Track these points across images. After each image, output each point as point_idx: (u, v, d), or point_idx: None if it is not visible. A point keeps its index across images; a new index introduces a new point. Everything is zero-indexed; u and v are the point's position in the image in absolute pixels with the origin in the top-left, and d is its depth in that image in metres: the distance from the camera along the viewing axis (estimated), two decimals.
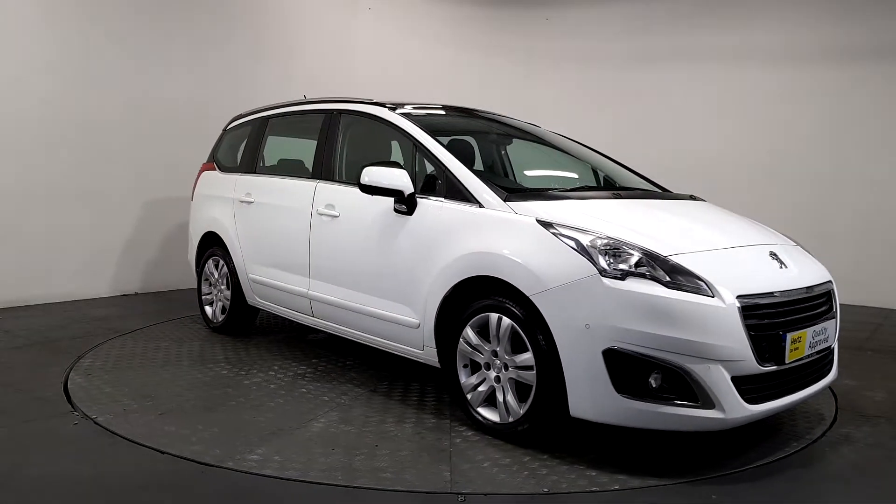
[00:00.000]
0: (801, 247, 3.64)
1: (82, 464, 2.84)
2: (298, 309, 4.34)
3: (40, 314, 5.58)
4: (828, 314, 3.22)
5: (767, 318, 2.85)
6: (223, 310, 5.07)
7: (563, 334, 2.81)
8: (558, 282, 2.83)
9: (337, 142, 4.26)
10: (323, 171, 4.23)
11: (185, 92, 6.73)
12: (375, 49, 8.38)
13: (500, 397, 3.12)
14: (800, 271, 3.20)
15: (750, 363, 2.74)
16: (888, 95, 6.99)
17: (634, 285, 2.71)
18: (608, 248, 2.83)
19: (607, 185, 4.20)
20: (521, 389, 3.05)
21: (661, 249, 2.85)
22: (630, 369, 2.71)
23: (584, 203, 3.30)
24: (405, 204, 3.50)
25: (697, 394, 2.69)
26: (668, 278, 2.74)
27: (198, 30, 6.91)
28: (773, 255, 3.20)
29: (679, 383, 2.70)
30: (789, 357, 2.89)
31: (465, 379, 3.28)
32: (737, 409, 2.72)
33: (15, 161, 5.74)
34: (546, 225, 2.99)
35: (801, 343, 2.96)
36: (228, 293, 4.96)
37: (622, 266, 2.77)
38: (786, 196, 7.28)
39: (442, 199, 3.44)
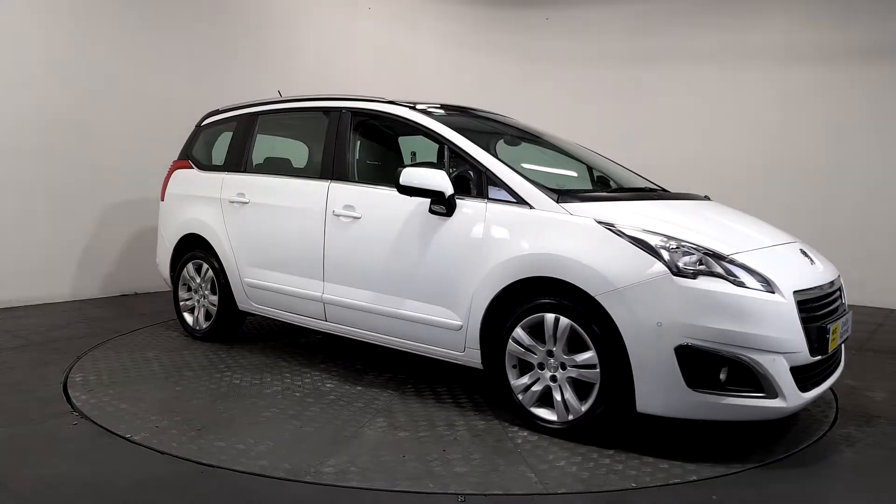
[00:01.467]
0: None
1: (82, 464, 2.83)
2: (307, 313, 4.18)
3: (40, 314, 5.58)
4: (844, 307, 3.45)
5: (813, 311, 3.04)
6: (207, 316, 4.82)
7: (632, 333, 2.89)
8: (627, 282, 2.90)
9: (349, 141, 4.12)
10: (335, 170, 4.08)
11: (183, 91, 6.72)
12: (375, 49, 8.38)
13: (557, 396, 3.15)
14: (824, 267, 3.43)
15: (804, 354, 2.92)
16: (888, 95, 7.00)
17: (705, 284, 2.84)
18: (678, 248, 2.94)
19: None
20: (578, 387, 3.10)
21: (723, 249, 2.99)
22: (701, 364, 2.82)
23: (632, 204, 3.41)
24: (444, 205, 3.45)
25: (763, 385, 2.84)
26: (733, 276, 2.88)
27: (197, 30, 6.91)
28: (803, 252, 3.43)
29: (746, 375, 2.84)
30: (830, 347, 3.06)
31: (516, 380, 3.28)
32: (794, 397, 2.90)
33: (15, 161, 5.74)
34: (608, 226, 3.06)
35: (836, 334, 3.15)
36: (215, 298, 4.72)
37: (692, 266, 2.89)
38: (785, 196, 7.28)
39: (484, 200, 3.43)
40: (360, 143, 4.31)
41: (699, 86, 7.87)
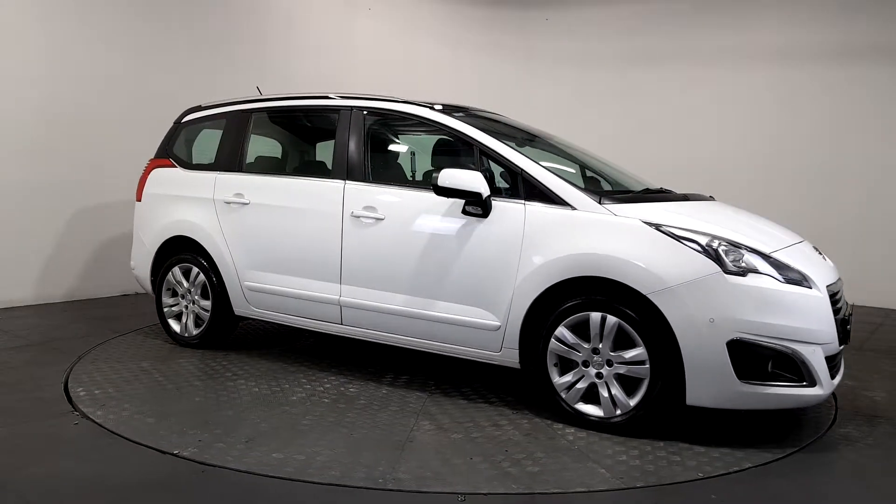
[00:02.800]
0: None
1: (82, 464, 2.83)
2: (320, 317, 4.08)
3: (40, 314, 5.58)
4: (846, 302, 3.62)
5: (838, 304, 3.26)
6: (198, 322, 4.61)
7: (684, 329, 3.01)
8: (680, 280, 3.03)
9: (364, 141, 4.05)
10: (350, 171, 4.00)
11: (182, 91, 6.71)
12: (375, 49, 8.38)
13: (603, 393, 3.23)
14: (832, 263, 3.63)
15: (835, 344, 3.15)
16: (888, 95, 7.00)
17: (754, 281, 3.02)
18: (727, 247, 3.09)
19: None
20: (624, 383, 3.19)
21: (763, 247, 3.18)
22: (751, 357, 2.98)
23: (665, 205, 3.51)
24: (480, 206, 3.47)
25: (804, 374, 3.03)
26: (777, 273, 3.07)
27: (197, 29, 6.91)
28: (816, 249, 3.66)
29: (789, 366, 3.02)
30: (850, 338, 3.36)
31: (558, 378, 3.35)
32: (827, 385, 3.09)
33: (15, 161, 5.74)
34: (655, 226, 3.17)
35: (851, 326, 3.41)
36: (207, 303, 4.53)
37: (741, 264, 3.05)
38: (785, 196, 7.28)
39: (521, 201, 3.46)
40: (376, 144, 4.23)
41: (699, 86, 7.87)
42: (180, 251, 4.66)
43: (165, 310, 4.77)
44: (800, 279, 3.10)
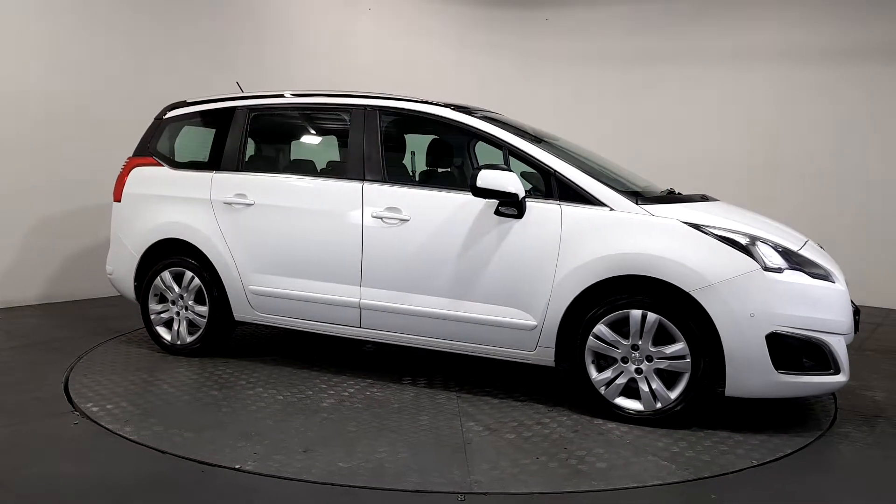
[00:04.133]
0: None
1: (82, 464, 2.84)
2: (336, 320, 3.99)
3: (40, 314, 5.58)
4: None
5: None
6: (192, 329, 4.39)
7: (726, 324, 3.16)
8: (721, 277, 3.18)
9: (381, 141, 3.98)
10: (367, 171, 3.93)
11: (182, 91, 6.68)
12: (375, 49, 8.38)
13: (644, 387, 3.34)
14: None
15: (851, 335, 3.38)
16: (888, 95, 6.99)
17: (790, 277, 3.22)
18: (764, 245, 3.29)
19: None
20: (663, 377, 3.32)
21: (791, 245, 3.41)
22: (786, 349, 3.17)
23: (694, 205, 3.64)
24: (516, 207, 3.50)
25: (831, 363, 3.23)
26: (808, 269, 3.29)
27: (196, 29, 6.91)
28: (820, 245, 3.86)
29: (819, 356, 3.21)
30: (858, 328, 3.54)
31: (597, 374, 3.43)
32: (847, 372, 3.28)
33: (15, 161, 5.75)
34: (695, 227, 3.31)
35: (859, 317, 3.58)
36: (203, 309, 4.32)
37: (777, 261, 3.24)
38: (785, 196, 7.27)
39: (556, 202, 3.51)
40: (393, 144, 4.21)
41: (699, 86, 7.87)
42: (170, 255, 4.43)
43: (153, 317, 4.50)
44: (825, 274, 3.34)
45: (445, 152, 4.38)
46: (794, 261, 3.31)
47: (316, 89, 4.50)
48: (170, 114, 4.77)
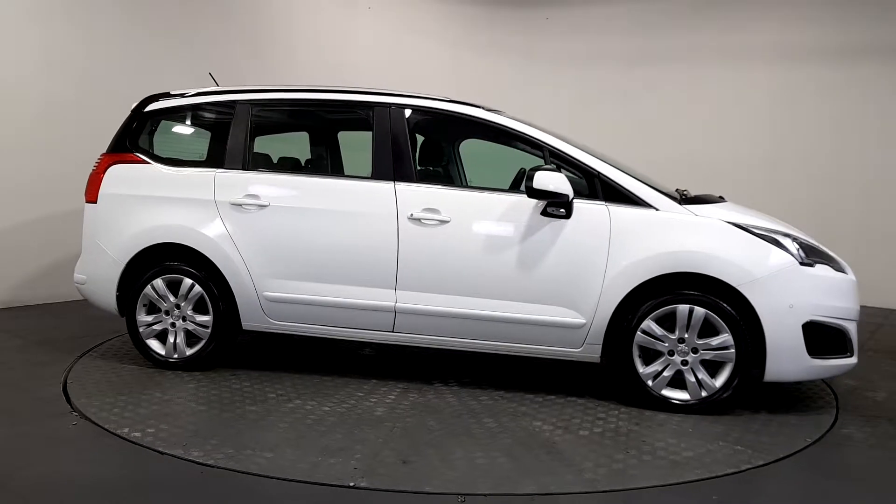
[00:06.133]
0: None
1: (82, 464, 2.83)
2: (367, 325, 3.85)
3: (40, 314, 5.57)
4: None
5: None
6: (191, 341, 4.06)
7: (768, 315, 3.41)
8: (764, 272, 3.43)
9: (409, 141, 3.89)
10: (398, 172, 3.83)
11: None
12: (375, 49, 8.38)
13: (690, 378, 3.54)
14: None
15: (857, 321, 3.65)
16: (888, 95, 6.99)
17: (819, 270, 3.52)
18: (797, 242, 3.56)
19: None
20: (707, 368, 3.53)
21: (812, 242, 3.68)
22: (817, 335, 3.45)
23: (724, 205, 3.83)
24: (564, 208, 3.56)
25: (848, 347, 3.56)
26: (831, 263, 3.60)
27: (196, 29, 6.90)
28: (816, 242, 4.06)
29: (840, 341, 3.54)
30: None
31: (644, 368, 3.58)
32: (857, 355, 3.60)
33: (14, 161, 5.74)
34: (737, 226, 3.55)
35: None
36: (206, 318, 4.00)
37: (808, 256, 3.53)
38: (785, 196, 7.27)
39: (602, 202, 3.62)
40: (424, 144, 4.18)
41: (699, 85, 7.87)
42: (162, 260, 4.07)
43: (143, 329, 4.10)
44: (842, 267, 3.63)
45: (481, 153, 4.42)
46: (819, 256, 3.59)
47: (332, 85, 4.28)
48: (152, 106, 4.34)
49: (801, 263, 3.48)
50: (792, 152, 7.40)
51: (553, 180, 3.50)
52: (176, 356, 4.08)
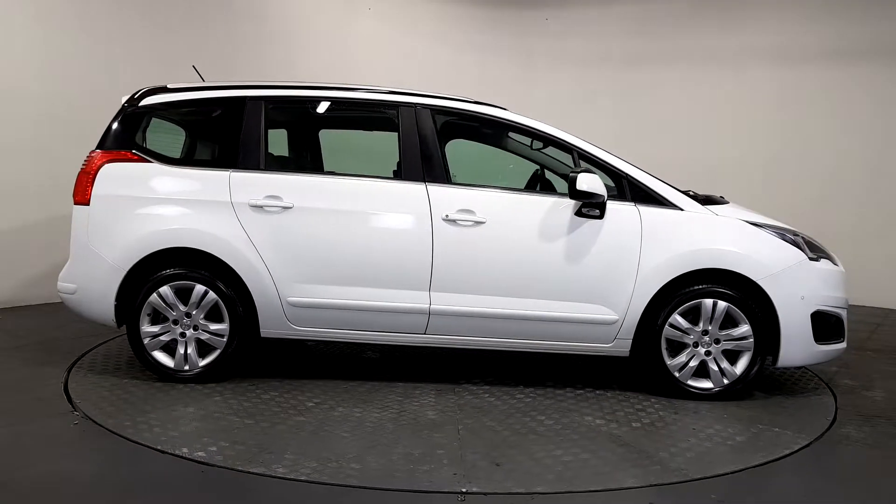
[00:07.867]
0: None
1: (82, 464, 2.84)
2: (398, 328, 3.80)
3: (40, 314, 5.57)
4: None
5: None
6: (203, 351, 3.84)
7: (783, 306, 3.70)
8: (780, 267, 3.71)
9: (438, 142, 3.88)
10: (428, 173, 3.82)
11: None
12: (375, 49, 8.37)
13: (713, 367, 3.79)
14: None
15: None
16: (888, 95, 7.00)
17: (823, 265, 3.83)
18: (805, 239, 3.87)
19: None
20: (727, 357, 3.78)
21: (814, 239, 3.97)
22: (822, 323, 3.77)
23: (733, 206, 4.05)
24: (598, 209, 3.70)
25: (843, 333, 3.90)
26: (831, 258, 3.93)
27: (196, 29, 6.90)
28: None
29: (838, 327, 3.86)
30: None
31: (671, 360, 3.79)
32: (846, 341, 3.96)
33: (14, 161, 5.74)
34: (755, 224, 3.82)
35: None
36: (222, 327, 3.80)
37: (814, 252, 3.84)
38: (785, 196, 7.27)
39: (631, 203, 3.80)
40: (453, 145, 4.24)
41: (698, 86, 7.87)
42: (168, 266, 3.82)
43: (148, 341, 3.83)
44: (836, 261, 3.93)
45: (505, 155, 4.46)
46: (819, 251, 3.89)
47: (354, 84, 4.18)
48: (148, 101, 4.05)
49: (810, 259, 3.77)
50: (791, 152, 7.40)
51: (593, 182, 3.63)
52: (187, 368, 3.84)
